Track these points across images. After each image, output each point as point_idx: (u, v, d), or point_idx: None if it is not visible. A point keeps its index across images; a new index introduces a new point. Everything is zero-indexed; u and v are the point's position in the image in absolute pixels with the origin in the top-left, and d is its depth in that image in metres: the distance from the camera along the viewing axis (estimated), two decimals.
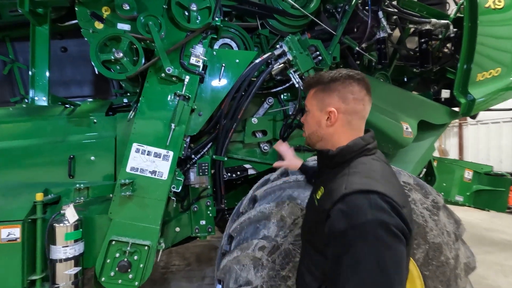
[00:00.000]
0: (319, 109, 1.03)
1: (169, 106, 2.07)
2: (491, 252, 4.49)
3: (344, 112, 0.99)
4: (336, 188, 0.88)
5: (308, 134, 1.10)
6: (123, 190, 1.90)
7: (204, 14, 2.10)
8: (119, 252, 1.95)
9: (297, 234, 1.50)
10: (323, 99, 1.02)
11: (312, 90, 1.08)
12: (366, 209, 0.78)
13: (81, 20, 1.92)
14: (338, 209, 0.83)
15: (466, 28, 2.53)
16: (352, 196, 0.82)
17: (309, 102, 1.09)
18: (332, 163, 1.00)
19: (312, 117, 1.07)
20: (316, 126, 1.05)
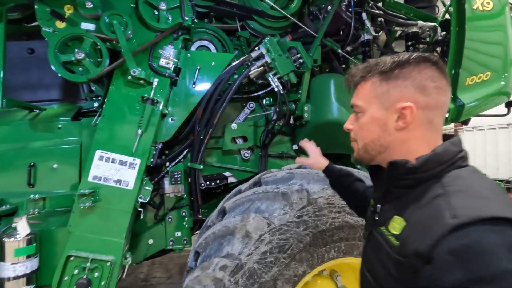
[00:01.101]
0: (383, 107, 0.77)
1: (136, 111, 1.93)
2: None
3: (424, 107, 0.72)
4: (433, 218, 0.61)
5: (364, 144, 0.81)
6: (82, 201, 1.75)
7: (175, 13, 1.98)
8: (78, 269, 1.79)
9: (263, 251, 1.35)
10: (389, 92, 0.76)
11: (367, 82, 0.80)
12: (497, 251, 0.51)
13: (41, 19, 1.79)
14: (448, 251, 0.55)
15: (454, 32, 2.42)
16: (470, 229, 0.55)
17: (364, 99, 0.80)
18: (411, 180, 0.71)
19: (370, 120, 0.79)
20: (378, 132, 0.78)
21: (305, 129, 2.47)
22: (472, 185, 0.65)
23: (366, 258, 0.85)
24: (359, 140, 0.83)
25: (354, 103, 0.85)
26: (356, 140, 0.85)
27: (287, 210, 1.41)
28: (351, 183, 1.26)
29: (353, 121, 0.86)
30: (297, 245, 1.38)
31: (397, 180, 0.75)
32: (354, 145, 0.88)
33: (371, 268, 0.80)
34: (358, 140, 0.84)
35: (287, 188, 1.45)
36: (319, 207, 1.43)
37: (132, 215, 1.95)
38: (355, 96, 0.85)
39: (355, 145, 0.87)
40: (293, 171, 1.66)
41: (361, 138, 0.83)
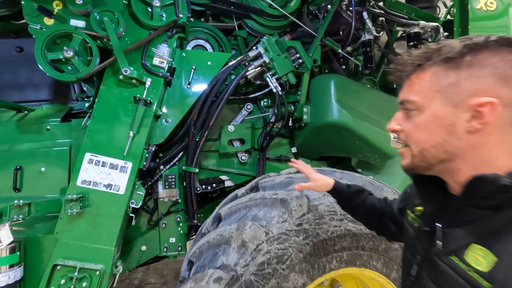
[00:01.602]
0: (449, 104, 0.61)
1: (128, 112, 1.85)
2: None
3: (509, 103, 0.56)
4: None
5: (421, 150, 0.65)
6: (69, 207, 1.66)
7: (169, 11, 1.90)
8: (65, 278, 1.70)
9: (260, 262, 1.27)
10: (459, 84, 0.60)
11: (426, 72, 0.64)
12: None
13: (28, 15, 1.71)
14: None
15: (457, 32, 2.37)
16: None
17: (422, 93, 0.65)
18: (501, 201, 0.56)
19: (431, 120, 0.63)
20: (443, 135, 0.62)
21: (304, 132, 2.40)
22: None
23: (420, 285, 0.69)
24: (414, 145, 0.67)
25: (406, 98, 0.67)
26: (408, 145, 0.68)
27: (286, 217, 1.32)
28: (365, 200, 1.08)
29: (401, 120, 0.69)
30: (297, 255, 1.30)
31: (480, 200, 0.58)
32: (405, 152, 0.69)
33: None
34: (411, 145, 0.67)
35: (286, 194, 1.37)
36: (320, 214, 1.35)
37: (123, 221, 1.86)
38: (407, 90, 0.68)
39: (406, 152, 0.69)
40: (293, 176, 1.58)
41: (416, 142, 0.66)
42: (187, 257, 1.59)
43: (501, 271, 0.52)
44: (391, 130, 0.73)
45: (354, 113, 2.12)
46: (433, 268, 0.65)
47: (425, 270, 0.69)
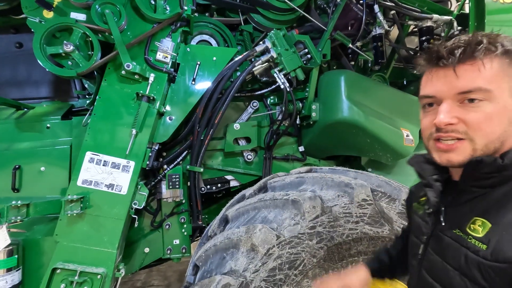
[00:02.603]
0: (511, 94, 0.64)
1: (130, 109, 1.78)
2: None
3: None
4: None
5: (488, 142, 0.65)
6: (69, 208, 1.59)
7: (173, 3, 1.83)
8: (65, 283, 1.62)
9: (271, 268, 1.19)
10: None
11: (495, 62, 0.64)
12: None
13: (26, 8, 1.65)
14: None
15: (472, 26, 2.26)
16: None
17: (495, 83, 0.64)
18: (495, 179, 0.65)
19: (502, 111, 0.64)
20: (506, 125, 0.64)
21: (312, 130, 2.31)
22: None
23: (428, 262, 0.75)
24: (481, 137, 0.64)
25: (479, 86, 0.63)
26: (471, 139, 0.65)
27: (298, 220, 1.24)
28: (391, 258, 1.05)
29: (456, 112, 0.65)
30: (310, 260, 1.21)
31: (479, 180, 0.67)
32: (461, 146, 0.66)
33: (439, 273, 0.71)
34: (478, 137, 0.64)
35: (297, 195, 1.28)
36: (334, 216, 1.26)
37: (126, 223, 1.79)
38: (474, 78, 0.64)
39: (463, 146, 0.66)
40: (304, 175, 1.50)
41: (486, 134, 0.64)
42: (192, 261, 1.51)
43: (493, 234, 0.61)
44: (444, 124, 0.66)
45: (365, 110, 2.03)
46: (438, 243, 0.73)
47: (431, 247, 0.76)
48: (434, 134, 0.69)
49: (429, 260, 0.75)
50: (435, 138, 0.69)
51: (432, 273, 0.74)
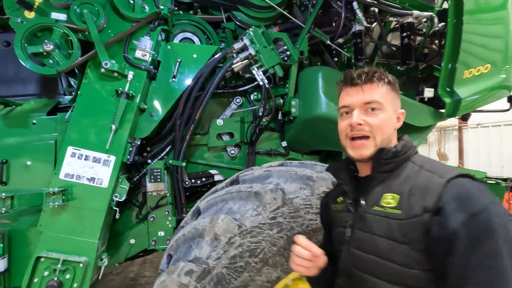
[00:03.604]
0: (393, 110, 0.95)
1: (110, 105, 1.84)
2: None
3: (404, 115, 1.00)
4: (425, 183, 0.80)
5: (383, 138, 0.92)
6: (51, 200, 1.67)
7: (151, 2, 1.88)
8: (49, 270, 1.72)
9: (232, 255, 1.26)
10: (395, 100, 0.97)
11: (384, 86, 0.94)
12: (476, 193, 0.74)
13: (8, 8, 1.71)
14: (451, 198, 0.74)
15: (451, 23, 2.29)
16: (456, 181, 0.77)
17: (385, 99, 0.93)
18: (392, 164, 0.90)
19: (389, 118, 0.93)
20: (391, 128, 0.94)
21: (293, 125, 2.37)
22: (432, 161, 0.90)
23: (357, 241, 0.92)
24: (379, 135, 0.91)
25: (376, 99, 0.92)
26: (374, 136, 0.91)
27: (259, 211, 1.30)
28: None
29: (363, 116, 0.92)
30: (270, 249, 1.28)
31: (383, 165, 0.90)
32: (368, 143, 0.91)
33: (369, 246, 0.88)
34: (377, 135, 0.91)
35: (260, 188, 1.35)
36: (295, 208, 1.32)
37: (107, 215, 1.87)
38: (371, 94, 0.92)
39: (369, 143, 0.91)
40: (271, 169, 1.56)
41: (382, 133, 0.91)
42: (167, 251, 1.58)
43: (403, 201, 0.83)
44: (356, 124, 0.91)
45: None
46: (363, 222, 0.91)
47: (357, 228, 0.93)
48: (349, 133, 0.93)
49: (357, 239, 0.92)
50: (350, 137, 0.93)
51: (361, 248, 0.90)
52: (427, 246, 0.76)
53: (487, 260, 0.68)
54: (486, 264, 0.68)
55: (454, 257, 0.71)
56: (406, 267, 0.79)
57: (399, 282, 0.80)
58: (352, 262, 0.93)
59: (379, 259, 0.84)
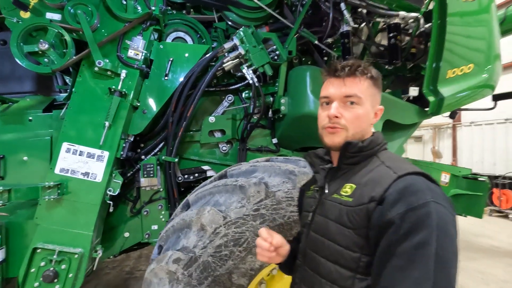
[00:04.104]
0: (371, 106, 0.97)
1: (104, 103, 1.91)
2: (475, 259, 4.30)
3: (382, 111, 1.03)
4: (380, 176, 0.86)
5: (355, 132, 0.95)
6: (47, 194, 1.75)
7: (143, 3, 1.94)
8: (45, 261, 1.80)
9: (218, 245, 1.34)
10: (375, 96, 0.99)
11: (365, 81, 0.95)
12: (423, 189, 0.78)
13: (5, 9, 1.77)
14: (395, 191, 0.79)
15: (435, 23, 2.36)
16: (406, 178, 0.81)
17: (364, 94, 0.94)
18: (357, 158, 0.94)
19: (365, 113, 0.96)
20: (366, 123, 0.97)
21: (283, 123, 2.44)
22: (396, 159, 0.94)
23: (315, 224, 1.00)
24: (352, 128, 0.94)
25: (355, 93, 0.94)
26: (347, 129, 0.93)
27: (244, 203, 1.38)
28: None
29: (341, 109, 0.94)
30: (254, 239, 1.36)
31: (348, 158, 0.95)
32: (342, 133, 0.94)
33: (322, 228, 0.95)
34: (350, 128, 0.93)
35: (245, 181, 1.43)
36: (277, 200, 1.40)
37: (101, 208, 1.95)
38: (352, 88, 0.94)
39: (342, 132, 0.94)
40: (257, 164, 1.64)
41: (355, 126, 0.94)
42: (158, 242, 1.66)
43: (357, 190, 0.88)
44: (333, 116, 0.94)
45: None
46: (322, 207, 0.98)
47: (317, 212, 1.00)
48: (327, 124, 0.95)
49: (316, 222, 0.99)
50: (326, 127, 0.96)
51: (317, 231, 0.97)
52: (368, 233, 0.82)
53: (415, 249, 0.71)
54: (411, 252, 0.71)
55: (384, 241, 0.76)
56: (348, 250, 0.85)
57: (341, 263, 0.86)
58: (308, 243, 1.00)
59: (327, 240, 0.91)
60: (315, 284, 0.93)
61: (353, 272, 0.84)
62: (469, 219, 7.04)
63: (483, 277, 3.70)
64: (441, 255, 0.70)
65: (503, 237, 5.49)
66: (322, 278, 0.91)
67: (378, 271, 0.76)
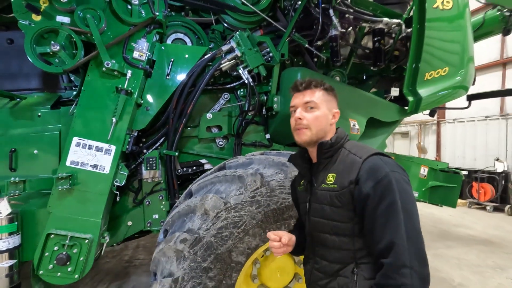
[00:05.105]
0: (328, 109, 1.22)
1: (111, 100, 2.07)
2: (453, 247, 4.64)
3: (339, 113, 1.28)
4: (351, 163, 1.10)
5: (317, 130, 1.20)
6: (59, 184, 1.90)
7: (147, 8, 2.09)
8: (58, 245, 1.96)
9: (219, 227, 1.54)
10: (331, 101, 1.24)
11: (320, 91, 1.22)
12: (383, 166, 1.04)
13: (17, 12, 1.89)
14: (364, 171, 1.05)
15: (415, 29, 2.59)
16: (369, 159, 1.07)
17: (319, 100, 1.21)
18: (331, 152, 1.18)
19: (323, 115, 1.20)
20: (324, 123, 1.21)
21: (275, 119, 2.63)
22: (359, 145, 1.19)
23: (313, 210, 1.23)
24: (314, 128, 1.20)
25: (312, 100, 1.21)
26: (310, 128, 1.20)
27: (242, 191, 1.58)
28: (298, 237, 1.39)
29: (304, 113, 1.21)
30: (250, 222, 1.57)
31: (324, 153, 1.20)
32: (307, 132, 1.20)
33: (320, 212, 1.18)
34: (312, 127, 1.20)
35: (243, 172, 1.63)
36: (271, 188, 1.61)
37: (109, 198, 2.11)
38: (309, 96, 1.21)
39: (307, 131, 1.20)
40: (253, 157, 1.83)
41: (315, 126, 1.20)
42: (163, 227, 1.85)
43: (338, 177, 1.13)
44: (297, 118, 1.22)
45: None
46: (315, 196, 1.22)
47: (312, 201, 1.24)
48: (294, 126, 1.24)
49: (313, 209, 1.23)
50: (295, 129, 1.24)
51: (316, 215, 1.21)
52: (354, 207, 1.08)
53: (387, 208, 0.99)
54: (386, 210, 0.99)
55: (367, 211, 1.03)
56: (342, 222, 1.11)
57: (340, 233, 1.12)
58: (311, 226, 1.24)
59: (326, 220, 1.16)
60: (326, 254, 1.17)
61: (350, 237, 1.10)
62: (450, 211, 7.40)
63: (458, 262, 4.03)
64: (405, 207, 0.99)
65: (479, 227, 5.87)
66: (330, 248, 1.15)
67: (369, 228, 1.03)
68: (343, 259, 1.12)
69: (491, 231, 5.61)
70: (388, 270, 0.95)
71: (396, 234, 0.96)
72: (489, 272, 3.75)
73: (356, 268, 1.08)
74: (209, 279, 1.51)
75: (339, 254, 1.13)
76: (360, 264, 1.08)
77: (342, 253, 1.12)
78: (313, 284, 1.24)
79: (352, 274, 1.08)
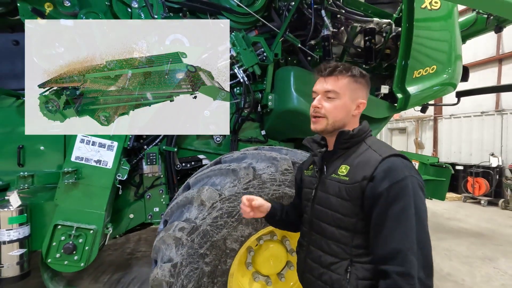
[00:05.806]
0: (351, 99, 1.14)
1: None
2: (444, 239, 4.79)
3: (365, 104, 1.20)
4: (369, 159, 1.06)
5: (335, 120, 1.14)
6: (65, 178, 2.03)
7: (147, 11, 2.20)
8: (65, 236, 2.09)
9: (215, 216, 1.66)
10: (356, 91, 1.15)
11: (345, 78, 1.13)
12: (401, 167, 1.00)
13: (23, 16, 2.00)
14: (381, 170, 1.00)
15: (404, 28, 2.69)
16: (389, 159, 1.03)
17: (342, 89, 1.13)
18: (349, 143, 1.14)
19: (343, 105, 1.14)
20: (345, 114, 1.14)
21: (270, 117, 2.75)
22: (381, 143, 1.14)
23: (318, 199, 1.21)
24: (331, 118, 1.14)
25: (333, 89, 1.13)
26: (327, 117, 1.14)
27: (235, 183, 1.71)
28: (287, 213, 1.42)
29: (322, 101, 1.15)
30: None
31: (342, 143, 1.15)
32: (322, 121, 1.15)
33: (325, 202, 1.17)
34: (329, 117, 1.14)
35: (236, 166, 1.75)
36: (263, 181, 1.73)
37: (112, 191, 2.24)
38: (332, 84, 1.14)
39: (322, 120, 1.15)
40: (247, 152, 1.96)
41: (333, 116, 1.14)
42: (163, 217, 1.97)
43: (351, 171, 1.10)
44: (315, 106, 1.17)
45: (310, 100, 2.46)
46: (323, 185, 1.19)
47: (319, 189, 1.22)
48: (312, 113, 1.19)
49: (319, 197, 1.21)
50: (312, 116, 1.19)
51: (320, 203, 1.19)
52: (362, 203, 1.04)
53: (400, 212, 0.95)
54: (398, 214, 0.95)
55: (376, 210, 0.99)
56: (347, 216, 1.08)
57: (341, 226, 1.10)
58: (313, 214, 1.22)
59: (330, 211, 1.13)
60: (322, 244, 1.16)
61: (351, 232, 1.07)
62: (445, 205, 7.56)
63: (448, 253, 4.18)
64: (419, 214, 0.96)
65: (472, 220, 6.02)
66: (327, 239, 1.14)
67: (376, 228, 1.00)
68: (338, 253, 1.10)
69: (483, 224, 5.75)
70: (397, 279, 0.91)
71: (406, 241, 0.93)
72: (477, 262, 3.90)
73: (350, 267, 1.06)
74: (205, 264, 1.64)
75: (336, 247, 1.11)
76: (355, 263, 1.06)
77: (339, 246, 1.10)
78: (307, 274, 1.22)
79: (346, 272, 1.06)
